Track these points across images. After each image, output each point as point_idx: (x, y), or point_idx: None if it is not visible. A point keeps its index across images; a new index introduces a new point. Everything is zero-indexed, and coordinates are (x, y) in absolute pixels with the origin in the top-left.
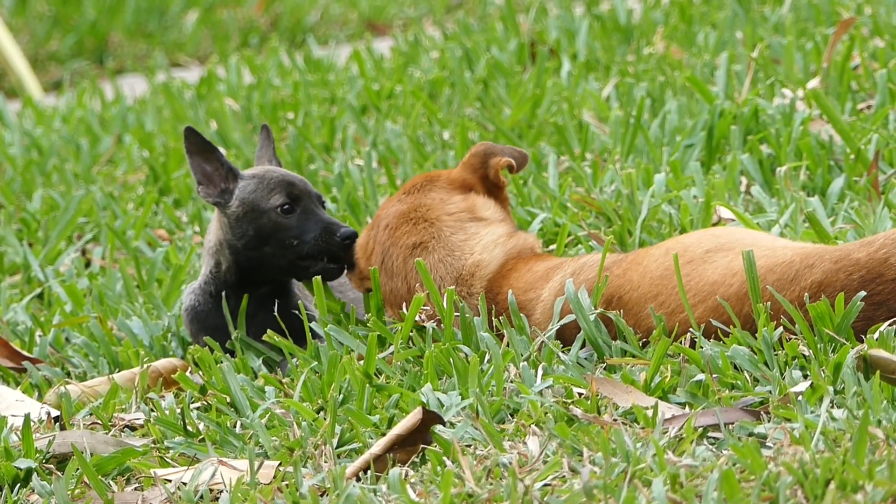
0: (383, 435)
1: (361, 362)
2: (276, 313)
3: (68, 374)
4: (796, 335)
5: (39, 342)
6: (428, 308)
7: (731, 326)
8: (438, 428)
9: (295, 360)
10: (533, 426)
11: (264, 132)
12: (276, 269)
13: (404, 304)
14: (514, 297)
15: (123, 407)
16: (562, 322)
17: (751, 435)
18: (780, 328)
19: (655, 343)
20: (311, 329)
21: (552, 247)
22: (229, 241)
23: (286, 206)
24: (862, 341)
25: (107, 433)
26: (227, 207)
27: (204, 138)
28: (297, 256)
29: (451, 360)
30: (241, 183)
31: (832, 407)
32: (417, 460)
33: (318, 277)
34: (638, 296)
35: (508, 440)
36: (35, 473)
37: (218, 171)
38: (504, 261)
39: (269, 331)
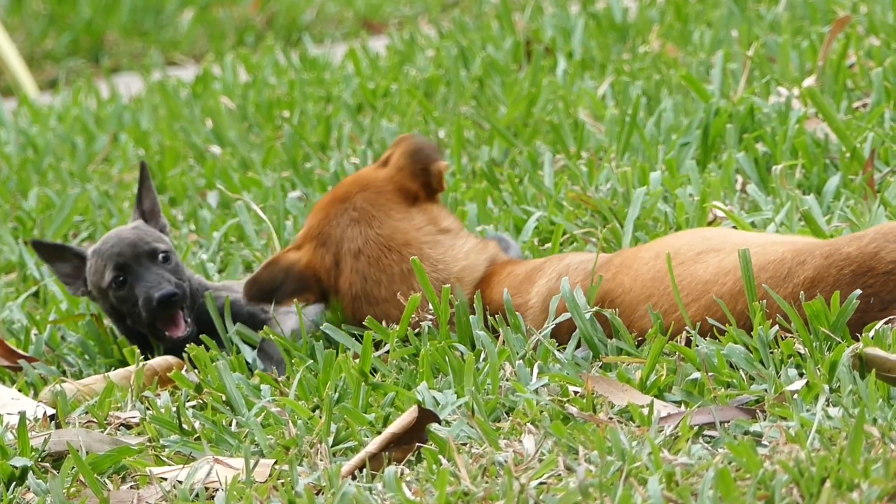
0: (379, 433)
1: (357, 361)
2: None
3: (64, 373)
4: (792, 333)
5: (35, 340)
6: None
7: (727, 325)
8: (434, 426)
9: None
10: (528, 424)
11: (141, 171)
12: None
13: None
14: (509, 296)
15: (119, 405)
16: (557, 321)
17: (746, 433)
18: (776, 326)
19: (651, 341)
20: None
21: (547, 245)
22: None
23: (119, 280)
24: (857, 338)
25: (102, 431)
26: (89, 294)
27: (49, 244)
28: (147, 324)
29: (447, 358)
30: (88, 264)
31: (828, 405)
32: (413, 459)
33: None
34: (630, 298)
35: (504, 438)
36: (31, 472)
37: (76, 266)
38: (486, 266)
39: (265, 327)
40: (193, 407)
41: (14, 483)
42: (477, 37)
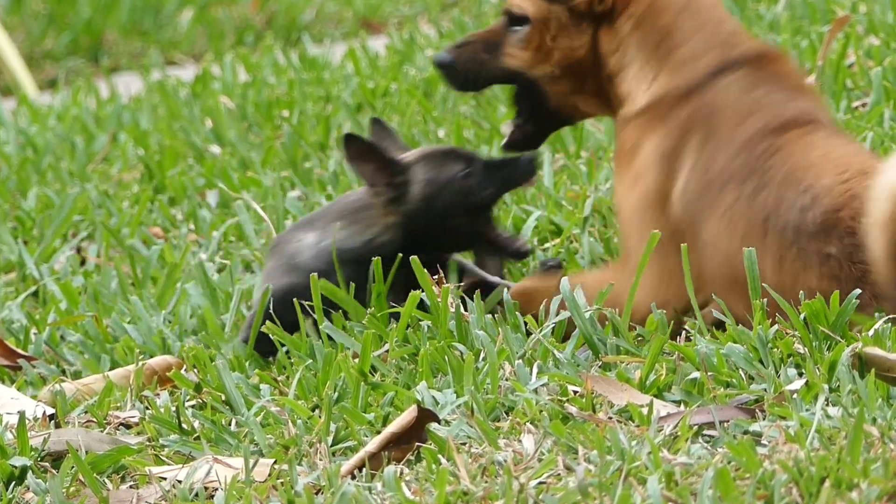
0: (378, 433)
1: (356, 360)
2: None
3: (63, 372)
4: (790, 332)
5: (34, 340)
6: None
7: (726, 324)
8: (433, 426)
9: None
10: (528, 424)
11: (377, 126)
12: (455, 240)
13: None
14: (508, 296)
15: (118, 405)
16: (557, 319)
17: (746, 433)
18: (776, 325)
19: (651, 337)
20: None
21: (547, 244)
22: (400, 222)
23: (465, 171)
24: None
25: (102, 431)
26: (404, 201)
27: (363, 142)
28: (479, 214)
29: (446, 357)
30: (412, 170)
31: (827, 405)
32: (412, 458)
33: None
34: None
35: (503, 438)
36: (30, 471)
37: (382, 169)
38: None
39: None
40: (193, 406)
41: (13, 483)
42: None
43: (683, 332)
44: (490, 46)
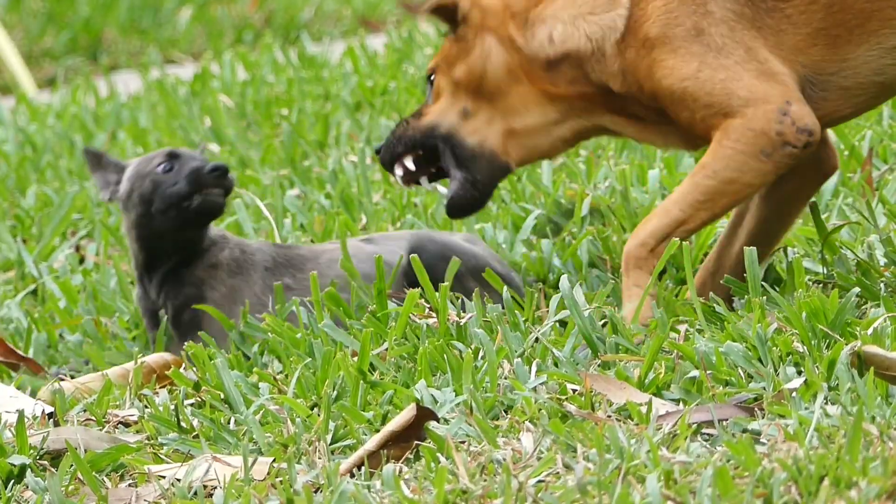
0: (377, 431)
1: (355, 359)
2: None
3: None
4: (788, 331)
5: (34, 339)
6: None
7: (726, 322)
8: (432, 424)
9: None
10: (527, 423)
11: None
12: (167, 228)
13: None
14: (508, 294)
15: (117, 403)
16: (557, 318)
17: (745, 431)
18: (775, 323)
19: (650, 335)
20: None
21: (546, 241)
22: (129, 225)
23: (164, 166)
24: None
25: (101, 429)
26: (120, 194)
27: (97, 152)
28: (179, 201)
29: (445, 356)
30: (128, 169)
31: (826, 403)
32: (411, 457)
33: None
34: None
35: (502, 437)
36: (29, 470)
37: (112, 174)
38: None
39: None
40: (192, 405)
41: (12, 481)
42: None
43: (683, 331)
44: (415, 116)
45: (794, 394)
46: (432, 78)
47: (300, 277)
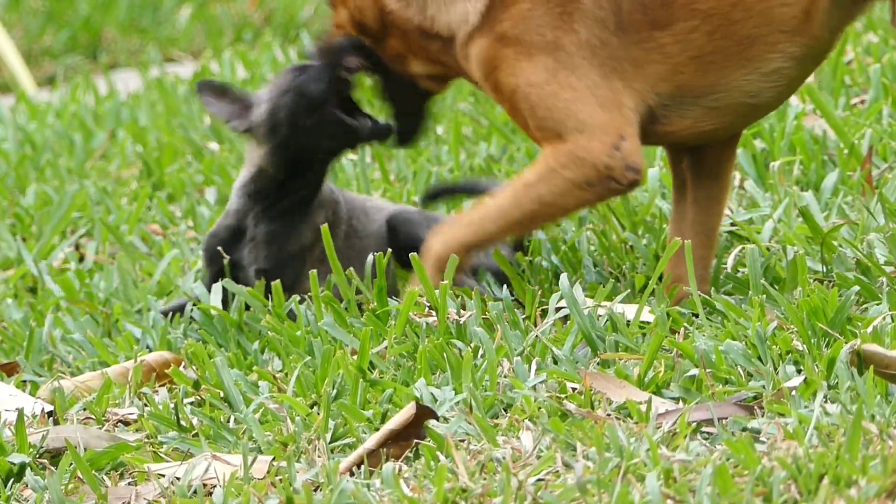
0: (377, 430)
1: (355, 357)
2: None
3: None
4: (788, 329)
5: (34, 337)
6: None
7: (725, 320)
8: (432, 423)
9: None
10: (526, 421)
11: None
12: (314, 138)
13: None
14: (508, 293)
15: (117, 402)
16: (556, 317)
17: (744, 430)
18: (774, 322)
19: (650, 334)
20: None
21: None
22: (272, 147)
23: (297, 73)
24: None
25: (100, 428)
26: (257, 120)
27: (218, 84)
28: (323, 98)
29: (445, 354)
30: (256, 98)
31: (826, 402)
32: (411, 455)
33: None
34: None
35: (502, 435)
36: (29, 468)
37: (232, 102)
38: None
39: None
40: (191, 403)
41: (12, 480)
42: None
43: (682, 329)
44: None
45: (793, 392)
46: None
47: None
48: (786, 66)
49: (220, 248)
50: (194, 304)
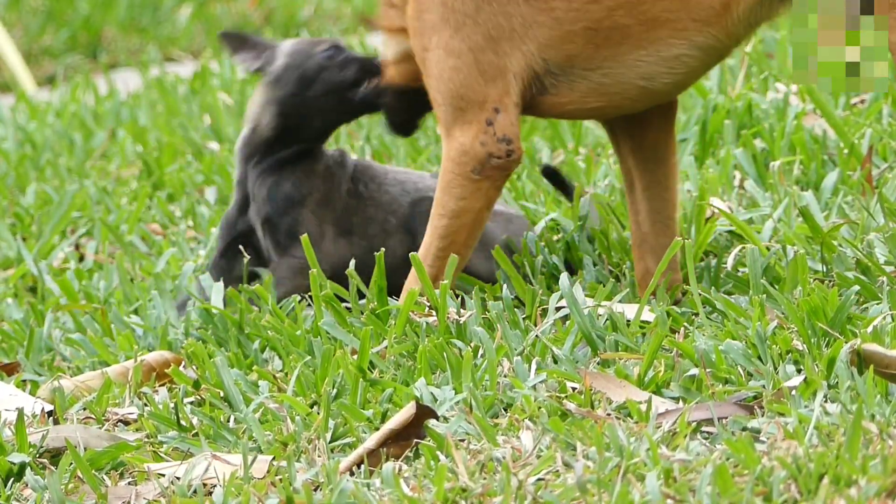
0: (377, 429)
1: (355, 357)
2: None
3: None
4: (788, 328)
5: (34, 336)
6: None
7: (725, 320)
8: (432, 422)
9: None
10: (526, 421)
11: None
12: (318, 111)
13: None
14: (508, 293)
15: (117, 401)
16: (557, 316)
17: (744, 429)
18: (774, 321)
19: (650, 333)
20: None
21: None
22: (271, 99)
23: (331, 52)
24: None
25: (100, 428)
26: (272, 68)
27: (238, 34)
28: (344, 88)
29: (445, 354)
30: (280, 47)
31: (826, 401)
32: (411, 455)
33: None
34: None
35: (502, 435)
36: (29, 468)
37: (253, 49)
38: None
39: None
40: (191, 403)
41: (12, 479)
42: None
43: (682, 329)
44: None
45: (793, 392)
46: None
47: (372, 187)
48: (689, 55)
49: (230, 220)
50: (198, 302)
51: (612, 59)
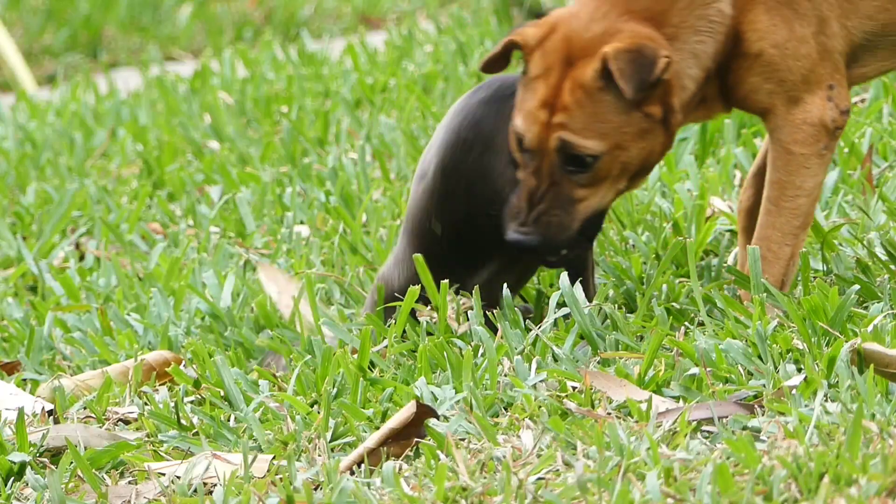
0: (377, 429)
1: (355, 356)
2: None
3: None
4: (788, 328)
5: (35, 336)
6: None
7: (726, 319)
8: (432, 422)
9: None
10: (527, 420)
11: None
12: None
13: None
14: (508, 292)
15: (117, 401)
16: (557, 316)
17: (745, 429)
18: (775, 321)
19: (650, 333)
20: None
21: None
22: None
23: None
24: None
25: (100, 427)
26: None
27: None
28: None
29: (445, 353)
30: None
31: (826, 400)
32: (411, 454)
33: None
34: None
35: (502, 434)
36: (29, 467)
37: None
38: None
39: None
40: (192, 402)
41: (12, 478)
42: (475, 32)
43: (683, 328)
44: (561, 202)
45: (794, 391)
46: (581, 154)
47: None
48: None
49: None
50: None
51: None
